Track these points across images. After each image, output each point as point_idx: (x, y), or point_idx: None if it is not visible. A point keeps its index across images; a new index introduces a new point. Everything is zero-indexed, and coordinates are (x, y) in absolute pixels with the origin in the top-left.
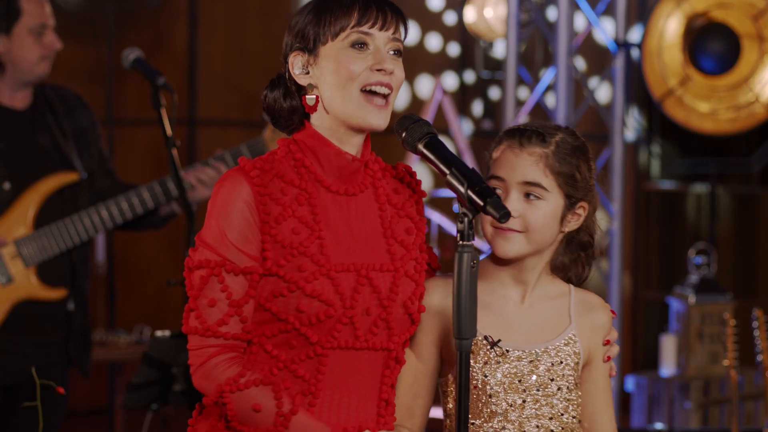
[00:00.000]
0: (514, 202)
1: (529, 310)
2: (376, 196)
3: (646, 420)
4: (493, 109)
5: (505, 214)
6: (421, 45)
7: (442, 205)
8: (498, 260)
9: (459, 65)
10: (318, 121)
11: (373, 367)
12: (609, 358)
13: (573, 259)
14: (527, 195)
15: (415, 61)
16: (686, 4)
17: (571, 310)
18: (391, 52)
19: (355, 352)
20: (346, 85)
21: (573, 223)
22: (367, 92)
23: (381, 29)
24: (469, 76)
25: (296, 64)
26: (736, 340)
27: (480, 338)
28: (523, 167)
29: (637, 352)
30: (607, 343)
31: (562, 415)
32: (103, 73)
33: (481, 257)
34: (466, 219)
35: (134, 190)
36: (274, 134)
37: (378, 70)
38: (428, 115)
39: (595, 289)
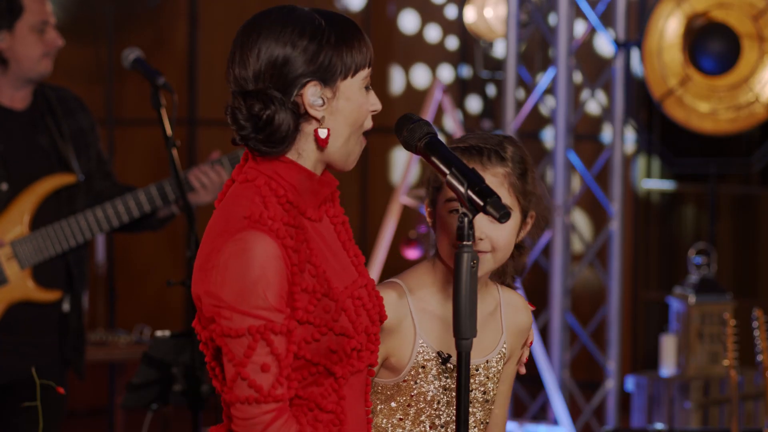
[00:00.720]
0: (481, 223)
1: None
2: (327, 214)
3: (646, 420)
4: (493, 109)
5: (505, 214)
6: (419, 36)
7: None
8: (446, 272)
9: (457, 59)
10: (305, 152)
11: (362, 385)
12: (526, 359)
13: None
14: None
15: (413, 52)
16: (686, 4)
17: (502, 316)
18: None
19: (360, 374)
20: (359, 128)
21: (522, 233)
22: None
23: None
24: (467, 72)
25: (314, 95)
26: (736, 340)
27: (432, 354)
28: None
29: (637, 352)
30: (529, 344)
31: (483, 422)
32: (103, 73)
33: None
34: (466, 219)
35: (131, 194)
36: None
37: (372, 111)
38: (427, 115)
39: (596, 290)
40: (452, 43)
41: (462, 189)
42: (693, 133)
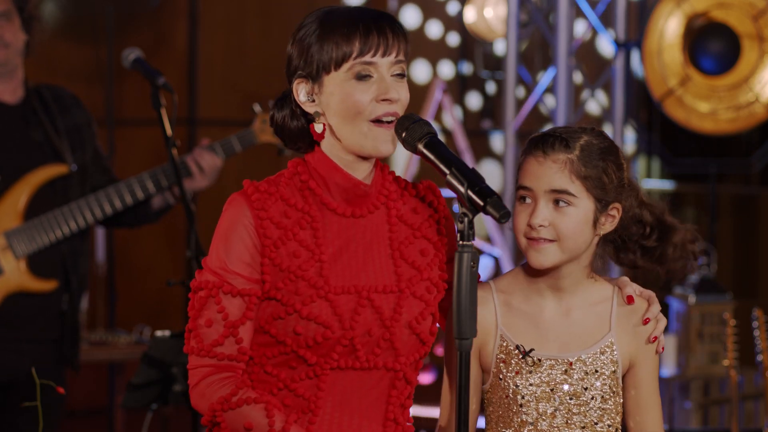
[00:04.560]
0: (542, 210)
1: (565, 317)
2: (387, 216)
3: None
4: (493, 109)
5: (505, 214)
6: (420, 31)
7: None
8: (534, 269)
9: (457, 56)
10: (328, 145)
11: (378, 388)
12: (655, 338)
13: (659, 257)
14: (556, 202)
15: (414, 47)
16: (686, 4)
17: (612, 315)
18: (395, 74)
19: (355, 372)
20: (354, 118)
21: (608, 225)
22: (375, 121)
23: (384, 55)
24: (467, 68)
25: (301, 92)
26: (736, 340)
27: (512, 347)
28: (549, 175)
29: None
30: (653, 340)
31: (596, 424)
32: (103, 73)
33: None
34: (466, 219)
35: (124, 182)
36: (264, 125)
37: (383, 100)
38: (427, 115)
39: None
40: (453, 39)
41: (462, 189)
42: (693, 133)
